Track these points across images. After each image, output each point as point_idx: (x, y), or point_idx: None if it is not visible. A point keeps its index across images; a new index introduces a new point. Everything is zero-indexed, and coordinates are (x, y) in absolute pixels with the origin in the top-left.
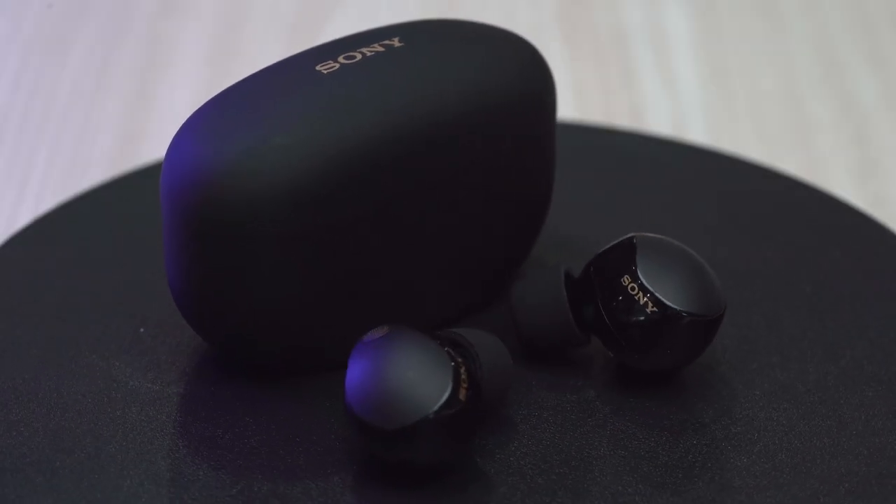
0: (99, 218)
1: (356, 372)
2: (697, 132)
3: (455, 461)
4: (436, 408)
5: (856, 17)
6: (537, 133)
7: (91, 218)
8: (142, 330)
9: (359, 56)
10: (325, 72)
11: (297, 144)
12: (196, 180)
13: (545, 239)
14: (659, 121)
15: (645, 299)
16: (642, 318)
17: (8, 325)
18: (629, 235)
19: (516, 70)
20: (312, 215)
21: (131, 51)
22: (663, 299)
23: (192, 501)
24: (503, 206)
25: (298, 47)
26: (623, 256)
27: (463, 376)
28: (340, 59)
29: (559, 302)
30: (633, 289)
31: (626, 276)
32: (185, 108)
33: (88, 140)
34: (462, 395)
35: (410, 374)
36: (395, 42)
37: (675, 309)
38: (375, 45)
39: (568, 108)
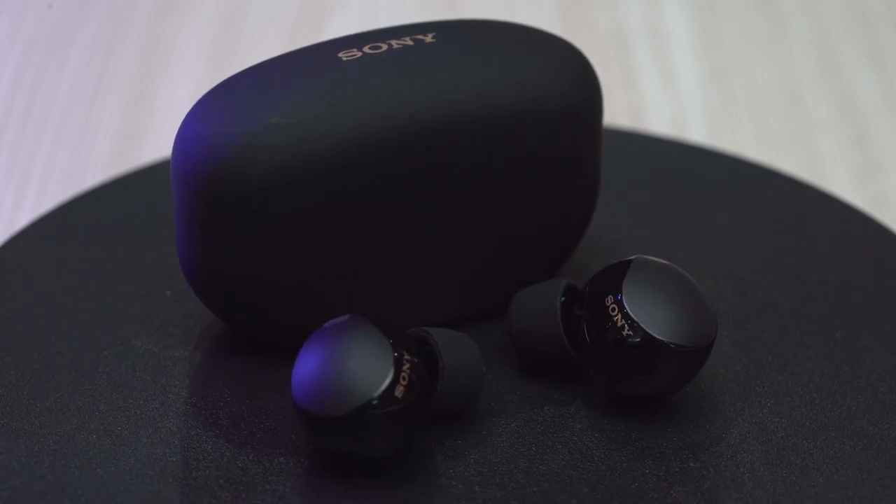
0: (99, 218)
1: (300, 357)
2: (697, 132)
3: (399, 459)
4: (364, 401)
5: (856, 16)
6: (577, 146)
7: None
8: (168, 293)
9: (384, 47)
10: (345, 59)
11: (297, 126)
12: (197, 156)
13: None
14: (659, 121)
15: (623, 323)
16: (619, 342)
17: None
18: (631, 257)
19: (559, 79)
20: (307, 197)
21: (131, 51)
22: (643, 325)
23: (135, 462)
24: (532, 214)
25: (298, 47)
26: (613, 277)
27: (404, 374)
28: (366, 48)
29: (551, 316)
30: (613, 310)
31: (610, 297)
32: (185, 108)
33: (88, 140)
34: (399, 391)
35: (347, 365)
36: (428, 37)
37: (654, 336)
38: (406, 38)
39: None
